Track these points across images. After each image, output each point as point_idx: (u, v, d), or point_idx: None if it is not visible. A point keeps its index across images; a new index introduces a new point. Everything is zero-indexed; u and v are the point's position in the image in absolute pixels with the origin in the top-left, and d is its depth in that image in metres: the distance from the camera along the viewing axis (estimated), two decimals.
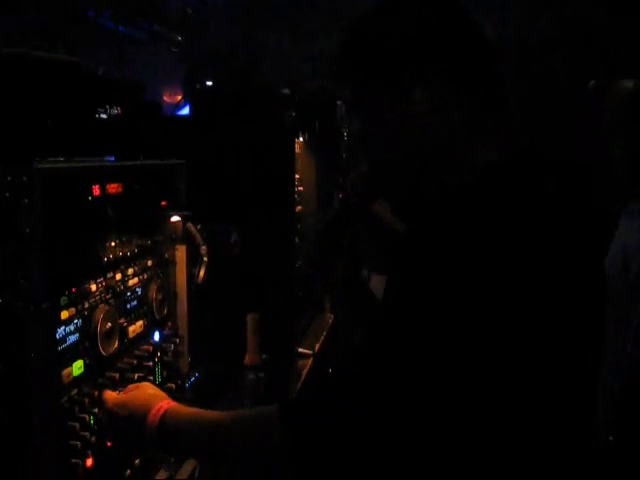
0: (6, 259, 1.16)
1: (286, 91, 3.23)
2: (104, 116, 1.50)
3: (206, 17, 5.63)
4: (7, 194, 1.14)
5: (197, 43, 5.78)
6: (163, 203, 1.74)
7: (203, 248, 1.88)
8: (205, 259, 1.89)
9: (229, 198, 2.65)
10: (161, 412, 1.28)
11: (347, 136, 4.51)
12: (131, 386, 1.44)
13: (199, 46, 5.86)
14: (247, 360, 2.81)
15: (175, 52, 5.68)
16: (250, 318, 2.77)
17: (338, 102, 4.21)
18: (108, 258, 1.45)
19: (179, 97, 5.26)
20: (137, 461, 1.57)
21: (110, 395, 1.38)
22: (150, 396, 1.36)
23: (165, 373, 1.75)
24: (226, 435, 1.24)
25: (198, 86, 3.21)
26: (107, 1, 4.22)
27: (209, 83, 3.71)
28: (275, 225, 2.80)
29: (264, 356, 2.75)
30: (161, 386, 1.70)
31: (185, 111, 4.56)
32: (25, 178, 1.14)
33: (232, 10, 5.50)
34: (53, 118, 1.30)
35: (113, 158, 1.57)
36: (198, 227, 1.87)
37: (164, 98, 6.26)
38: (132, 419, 1.31)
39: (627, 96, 2.40)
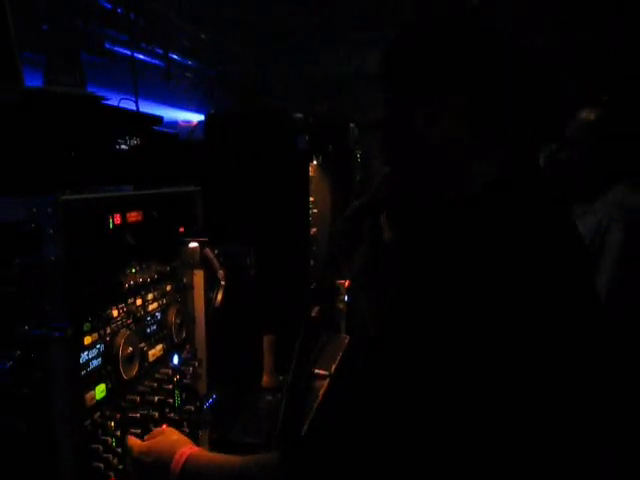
0: (31, 287, 1.20)
1: (299, 115, 3.29)
2: (124, 147, 1.55)
3: (219, 42, 5.71)
4: (33, 225, 1.19)
5: (211, 68, 5.86)
6: (181, 229, 1.78)
7: (220, 272, 1.93)
8: (223, 283, 1.93)
9: (245, 221, 2.69)
10: (184, 458, 1.32)
11: (360, 158, 4.57)
12: (156, 431, 1.49)
13: (213, 71, 5.95)
14: (264, 381, 2.84)
15: (189, 77, 5.75)
16: (266, 340, 2.81)
17: (351, 124, 4.26)
18: (129, 284, 1.49)
19: (194, 122, 5.33)
20: None
21: (135, 442, 1.43)
22: (173, 442, 1.40)
23: (184, 395, 1.78)
24: None
25: (212, 111, 3.25)
26: (121, 28, 4.29)
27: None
28: (290, 247, 2.85)
29: (281, 377, 2.77)
30: (180, 408, 1.74)
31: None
32: (50, 209, 1.19)
33: (244, 35, 5.57)
34: (74, 151, 1.35)
35: (131, 187, 1.63)
36: (215, 252, 1.92)
37: (179, 123, 6.35)
38: (157, 465, 1.36)
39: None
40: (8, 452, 1.22)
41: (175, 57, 5.14)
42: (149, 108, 3.43)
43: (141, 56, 4.61)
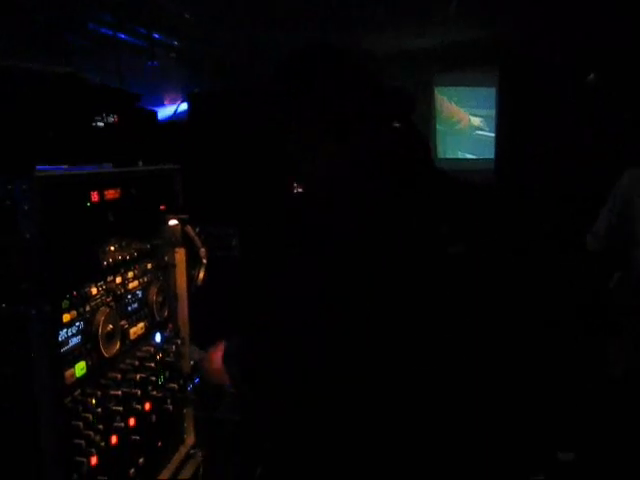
0: (8, 265, 1.20)
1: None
2: (101, 124, 1.54)
3: (204, 21, 5.67)
4: (8, 202, 1.18)
5: (195, 47, 5.83)
6: (162, 207, 1.77)
7: (202, 250, 1.92)
8: (204, 261, 1.93)
9: (227, 201, 2.69)
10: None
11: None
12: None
13: (197, 50, 5.91)
14: None
15: (174, 57, 5.73)
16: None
17: None
18: (108, 262, 1.48)
19: (180, 101, 5.31)
20: (141, 460, 1.61)
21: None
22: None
23: (167, 374, 1.79)
24: None
25: (196, 90, 3.23)
26: (105, 7, 4.25)
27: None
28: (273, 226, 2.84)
29: None
30: (163, 386, 1.74)
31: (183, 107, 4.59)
32: (25, 186, 1.18)
33: (229, 13, 5.53)
34: (51, 128, 1.34)
35: (111, 165, 1.62)
36: (197, 230, 1.91)
37: (165, 102, 6.32)
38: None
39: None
40: None
41: (158, 37, 5.11)
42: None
43: (123, 36, 4.59)
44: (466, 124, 8.40)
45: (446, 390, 1.50)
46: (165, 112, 5.23)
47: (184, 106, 3.77)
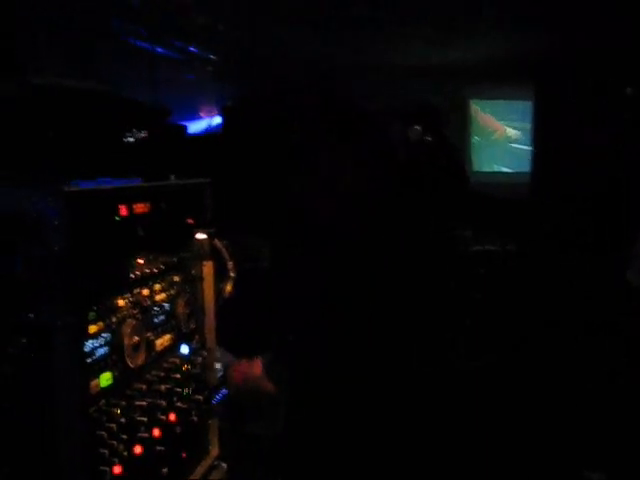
0: (36, 276, 1.23)
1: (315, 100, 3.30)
2: (131, 139, 1.57)
3: (240, 34, 5.73)
4: (37, 215, 1.21)
5: (231, 60, 5.89)
6: (190, 221, 1.80)
7: (230, 264, 1.95)
8: (232, 274, 1.96)
9: (258, 212, 2.71)
10: None
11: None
12: None
13: (233, 63, 5.97)
14: None
15: (210, 70, 5.79)
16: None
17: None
18: (135, 275, 1.51)
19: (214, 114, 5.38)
20: (164, 470, 1.63)
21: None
22: None
23: (193, 385, 1.81)
24: None
25: (229, 103, 3.27)
26: (139, 21, 4.33)
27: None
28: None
29: None
30: (189, 398, 1.76)
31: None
32: (53, 201, 1.21)
33: (265, 26, 5.58)
34: (82, 142, 1.37)
35: (141, 179, 1.65)
36: (224, 243, 1.94)
37: (202, 115, 6.40)
38: None
39: None
40: (13, 437, 1.25)
41: (194, 50, 5.18)
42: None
43: (160, 50, 4.66)
44: (501, 135, 8.35)
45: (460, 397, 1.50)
46: (201, 125, 5.29)
47: (218, 119, 3.82)
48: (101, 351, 1.38)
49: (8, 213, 1.24)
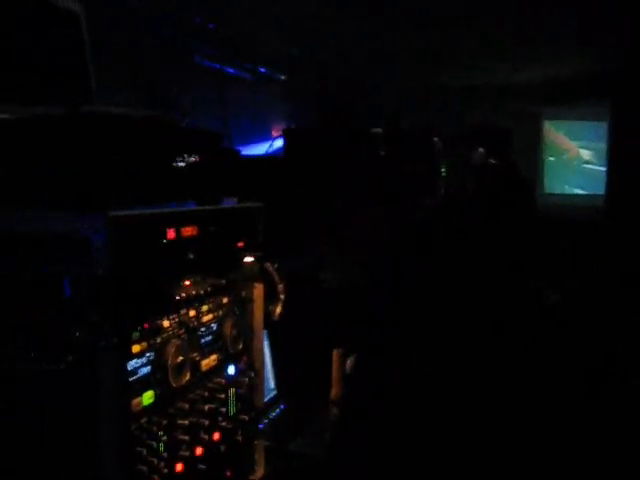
0: (82, 297, 1.28)
1: (377, 130, 3.31)
2: (182, 164, 1.62)
3: (309, 55, 5.81)
4: (83, 237, 1.27)
5: (302, 81, 5.98)
6: (240, 244, 1.84)
7: (280, 286, 1.97)
8: (282, 297, 1.98)
9: (315, 236, 2.73)
10: None
11: (445, 172, 4.53)
12: None
13: (304, 84, 6.06)
14: (333, 395, 2.87)
15: (280, 90, 5.89)
16: (335, 354, 2.84)
17: (435, 139, 4.24)
18: (181, 296, 1.55)
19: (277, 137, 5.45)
20: None
21: None
22: None
23: (239, 405, 1.83)
24: None
25: (292, 126, 3.32)
26: (210, 43, 4.44)
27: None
28: None
29: None
30: (234, 418, 1.79)
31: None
32: (98, 224, 1.26)
33: (334, 49, 5.65)
34: (132, 168, 1.43)
35: (195, 203, 1.71)
36: (275, 266, 1.97)
37: (273, 133, 6.50)
38: None
39: None
40: (55, 450, 1.31)
41: (264, 71, 5.28)
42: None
43: (230, 70, 4.77)
44: (574, 155, 8.17)
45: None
46: (268, 146, 5.38)
47: (279, 142, 3.89)
48: (144, 370, 1.42)
49: (58, 235, 1.30)
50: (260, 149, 5.02)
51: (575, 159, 8.15)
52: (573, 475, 1.49)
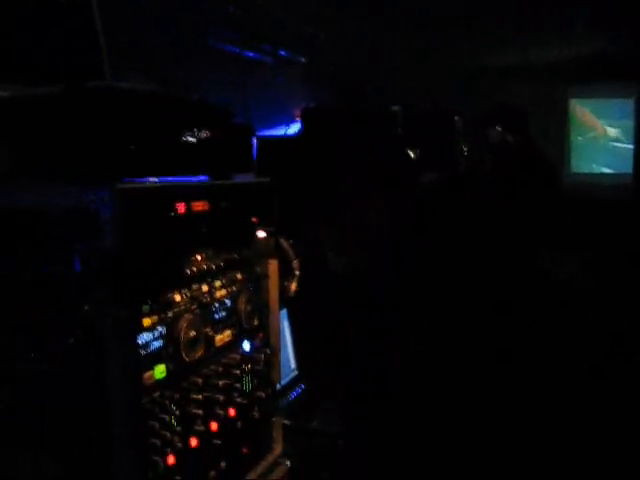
0: (91, 270, 1.28)
1: (395, 108, 3.27)
2: (192, 138, 1.61)
3: (331, 37, 5.76)
4: (91, 210, 1.27)
5: (321, 63, 5.93)
6: (253, 219, 1.82)
7: (295, 262, 1.96)
8: (297, 272, 1.97)
9: (330, 214, 2.71)
10: None
11: (467, 151, 4.48)
12: None
13: (324, 66, 6.02)
14: None
15: (301, 73, 5.86)
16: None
17: (456, 117, 4.19)
18: (193, 271, 1.55)
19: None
20: (222, 464, 1.66)
21: None
22: None
23: (255, 382, 1.83)
24: None
25: (311, 105, 3.30)
26: (229, 25, 4.42)
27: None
28: None
29: None
30: (250, 394, 1.79)
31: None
32: (106, 196, 1.26)
33: (353, 29, 5.59)
34: (139, 142, 1.41)
35: (206, 178, 1.70)
36: (290, 242, 1.95)
37: (296, 118, 6.48)
38: None
39: None
40: (67, 423, 1.31)
41: (284, 53, 5.25)
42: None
43: (250, 54, 4.74)
44: (602, 133, 8.03)
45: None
46: (289, 128, 5.36)
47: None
48: (156, 344, 1.42)
49: (66, 209, 1.30)
50: (280, 132, 5.01)
51: (602, 137, 8.02)
52: (577, 455, 1.47)
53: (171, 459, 1.43)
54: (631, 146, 7.74)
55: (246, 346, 1.81)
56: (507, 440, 1.47)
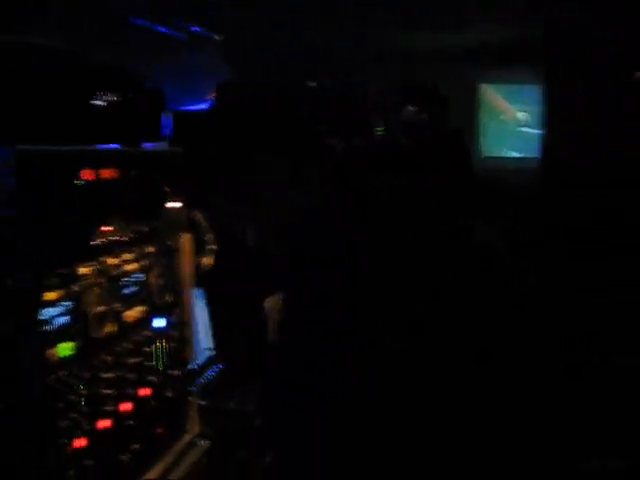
0: None
1: (312, 84, 3.23)
2: (101, 103, 1.52)
3: (251, 16, 5.63)
4: None
5: (239, 42, 5.81)
6: (165, 190, 1.74)
7: (209, 236, 1.89)
8: (211, 247, 1.90)
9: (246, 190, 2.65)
10: None
11: (382, 131, 4.48)
12: None
13: (241, 44, 5.90)
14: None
15: (217, 51, 5.72)
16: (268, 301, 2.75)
17: (369, 96, 4.18)
18: (101, 242, 1.46)
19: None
20: (135, 446, 1.58)
21: None
22: None
23: (169, 360, 1.75)
24: None
25: (225, 82, 3.22)
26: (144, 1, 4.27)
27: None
28: None
29: None
30: (164, 373, 1.71)
31: None
32: (5, 159, 1.16)
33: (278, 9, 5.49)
34: (43, 103, 1.32)
35: (116, 145, 1.60)
36: (203, 215, 1.88)
37: (205, 96, 6.34)
38: None
39: None
40: None
41: (198, 30, 5.10)
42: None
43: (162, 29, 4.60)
44: (511, 117, 8.23)
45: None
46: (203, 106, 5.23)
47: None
48: (62, 319, 1.33)
49: None
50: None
51: (512, 122, 8.21)
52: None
53: (80, 442, 1.35)
54: (538, 131, 7.95)
55: (158, 323, 1.73)
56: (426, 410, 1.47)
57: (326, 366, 1.52)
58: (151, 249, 1.69)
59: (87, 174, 1.39)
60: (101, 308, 1.44)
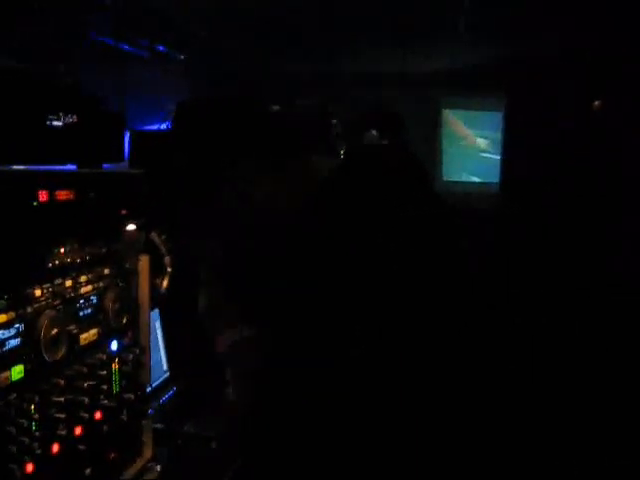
0: None
1: (276, 107, 3.24)
2: (58, 124, 1.51)
3: (211, 34, 5.67)
4: None
5: (201, 60, 5.83)
6: (123, 212, 1.73)
7: (167, 258, 1.89)
8: (169, 269, 1.89)
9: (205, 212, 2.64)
10: None
11: (343, 155, 4.52)
12: None
13: (203, 63, 5.92)
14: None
15: (179, 69, 5.73)
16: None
17: (333, 121, 4.22)
18: (54, 264, 1.44)
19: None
20: (87, 471, 1.56)
21: None
22: None
23: (124, 383, 1.74)
24: None
25: (185, 100, 3.20)
26: (107, 19, 4.26)
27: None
28: None
29: None
30: (118, 396, 1.69)
31: None
32: None
33: (235, 27, 5.53)
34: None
35: (75, 167, 1.60)
36: (162, 238, 1.88)
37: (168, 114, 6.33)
38: None
39: None
40: None
41: (162, 49, 5.11)
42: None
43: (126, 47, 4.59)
44: (472, 142, 8.37)
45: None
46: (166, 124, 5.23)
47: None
48: (13, 342, 1.31)
49: None
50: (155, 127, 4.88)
51: (472, 147, 8.34)
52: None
53: (29, 467, 1.33)
54: (498, 157, 8.09)
55: (114, 345, 1.72)
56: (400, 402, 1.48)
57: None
58: (107, 271, 1.68)
59: (42, 195, 1.38)
60: (55, 330, 1.43)
